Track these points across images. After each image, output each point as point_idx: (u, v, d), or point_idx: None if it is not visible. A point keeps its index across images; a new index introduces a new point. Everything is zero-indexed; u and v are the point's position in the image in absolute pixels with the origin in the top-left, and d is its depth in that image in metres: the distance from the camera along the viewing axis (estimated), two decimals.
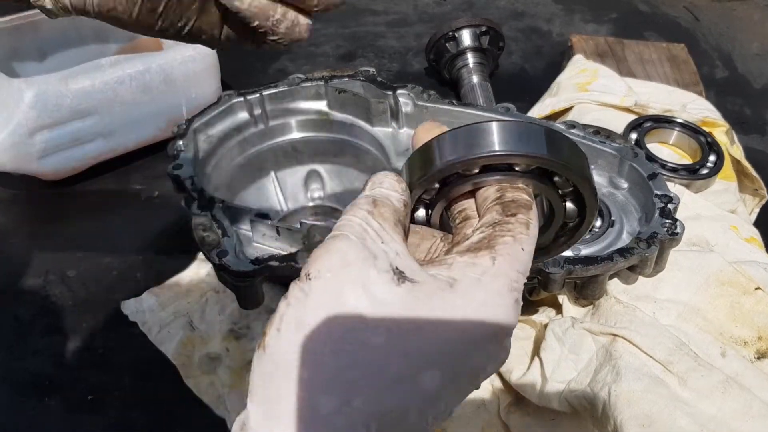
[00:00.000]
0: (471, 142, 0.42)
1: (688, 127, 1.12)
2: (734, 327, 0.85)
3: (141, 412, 0.93)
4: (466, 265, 0.39)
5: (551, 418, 0.87)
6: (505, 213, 0.42)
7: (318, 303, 0.37)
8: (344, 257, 0.38)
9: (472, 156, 0.42)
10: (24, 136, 1.12)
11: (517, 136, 0.41)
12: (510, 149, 0.41)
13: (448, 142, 0.43)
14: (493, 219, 0.42)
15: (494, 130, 0.42)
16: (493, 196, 0.43)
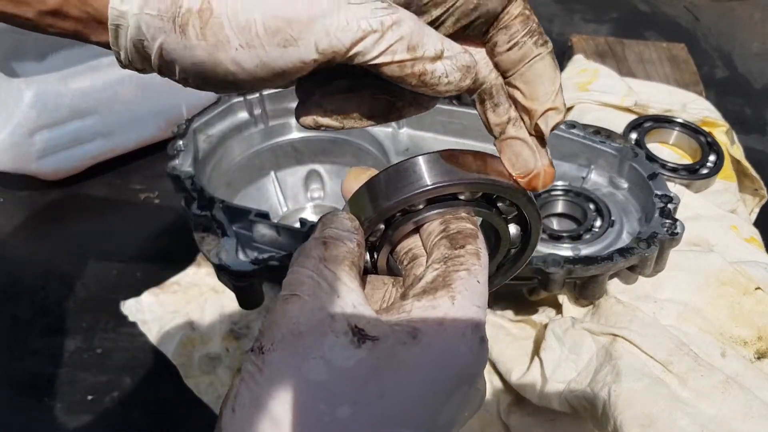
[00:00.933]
0: (406, 178, 0.40)
1: (688, 127, 1.12)
2: (734, 327, 0.84)
3: (141, 413, 0.93)
4: (425, 309, 0.36)
5: (551, 419, 0.87)
6: (453, 246, 0.39)
7: (273, 379, 0.33)
8: (297, 325, 0.34)
9: (409, 194, 0.39)
10: (24, 136, 1.12)
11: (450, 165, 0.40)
12: (445, 180, 0.39)
13: (383, 183, 0.40)
14: (443, 254, 0.39)
15: (423, 163, 0.40)
16: (437, 230, 0.41)
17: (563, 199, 0.96)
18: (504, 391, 0.90)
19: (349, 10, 0.35)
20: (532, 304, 0.96)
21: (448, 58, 0.37)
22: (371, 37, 0.36)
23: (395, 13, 0.36)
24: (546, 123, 0.40)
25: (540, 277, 0.82)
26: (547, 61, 0.40)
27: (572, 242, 0.90)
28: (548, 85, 0.40)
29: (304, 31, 0.35)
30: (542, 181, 0.41)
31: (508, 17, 0.39)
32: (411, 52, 0.37)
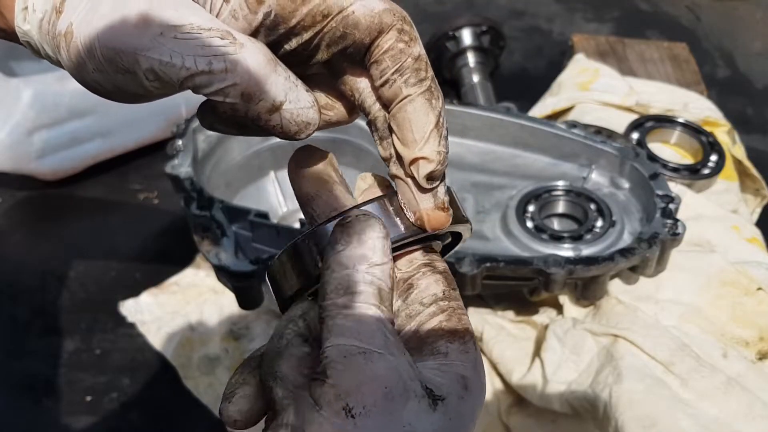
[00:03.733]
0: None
1: (689, 126, 1.11)
2: (736, 328, 0.84)
3: (139, 413, 0.93)
4: (460, 353, 0.35)
5: (552, 419, 0.86)
6: (449, 285, 0.38)
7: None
8: (389, 389, 0.31)
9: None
10: (22, 136, 1.11)
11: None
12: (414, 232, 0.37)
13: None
14: (441, 291, 0.37)
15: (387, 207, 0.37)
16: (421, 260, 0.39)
17: (564, 199, 0.96)
18: (505, 392, 0.90)
19: (175, 44, 0.32)
20: (533, 304, 0.95)
21: (287, 111, 0.35)
22: (201, 77, 0.32)
23: (233, 54, 0.33)
24: (417, 171, 0.36)
25: (541, 278, 0.81)
26: (417, 104, 0.35)
27: (573, 242, 0.89)
28: (416, 132, 0.35)
29: (132, 63, 0.32)
30: (428, 225, 0.37)
31: (378, 51, 0.35)
32: (244, 101, 0.33)
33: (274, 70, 0.34)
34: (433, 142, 0.36)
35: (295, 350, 0.34)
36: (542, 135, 0.98)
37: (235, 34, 0.33)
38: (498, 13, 1.71)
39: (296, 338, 0.34)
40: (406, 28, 0.35)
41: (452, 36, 1.39)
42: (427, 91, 0.35)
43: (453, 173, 1.00)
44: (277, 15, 0.34)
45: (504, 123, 0.99)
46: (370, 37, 0.35)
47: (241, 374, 0.35)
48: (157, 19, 0.32)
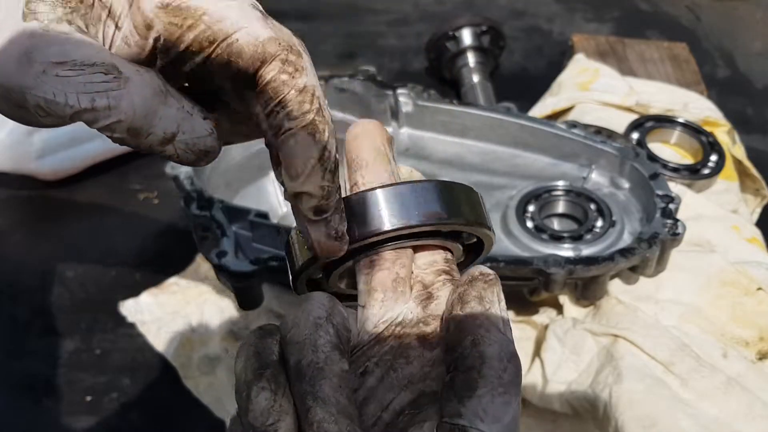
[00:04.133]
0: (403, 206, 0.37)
1: (689, 126, 1.11)
2: (736, 328, 0.84)
3: (139, 414, 0.93)
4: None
5: (552, 420, 0.86)
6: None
7: None
8: None
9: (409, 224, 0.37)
10: (22, 136, 1.11)
11: (441, 198, 0.38)
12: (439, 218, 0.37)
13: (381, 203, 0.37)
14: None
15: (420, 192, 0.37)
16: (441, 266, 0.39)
17: (564, 199, 0.96)
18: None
19: (58, 82, 0.31)
20: (532, 304, 0.95)
21: (181, 142, 0.34)
22: (86, 114, 0.31)
23: (116, 90, 0.32)
24: (302, 204, 0.36)
25: (541, 278, 0.81)
26: (299, 138, 0.34)
27: (573, 242, 0.89)
28: (299, 166, 0.35)
29: (21, 99, 0.31)
30: (320, 253, 0.37)
31: (261, 81, 0.34)
32: (132, 136, 0.33)
33: (163, 102, 0.33)
34: (315, 178, 0.35)
35: (336, 367, 0.32)
36: (542, 135, 0.98)
37: (121, 67, 0.32)
38: (498, 13, 1.71)
39: (333, 353, 0.32)
40: (292, 58, 0.34)
41: (452, 36, 1.39)
42: (309, 124, 0.35)
43: (453, 173, 1.00)
44: (166, 40, 0.33)
45: (504, 123, 0.99)
46: (253, 66, 0.34)
47: (273, 395, 0.31)
48: (39, 56, 0.31)
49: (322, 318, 0.33)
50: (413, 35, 1.66)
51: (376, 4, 1.77)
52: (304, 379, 0.31)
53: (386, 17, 1.73)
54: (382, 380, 0.34)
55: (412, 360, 0.35)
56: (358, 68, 1.03)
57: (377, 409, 0.33)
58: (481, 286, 0.35)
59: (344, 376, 0.32)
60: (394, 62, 1.59)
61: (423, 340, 0.36)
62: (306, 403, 0.30)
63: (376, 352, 0.35)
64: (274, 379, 0.31)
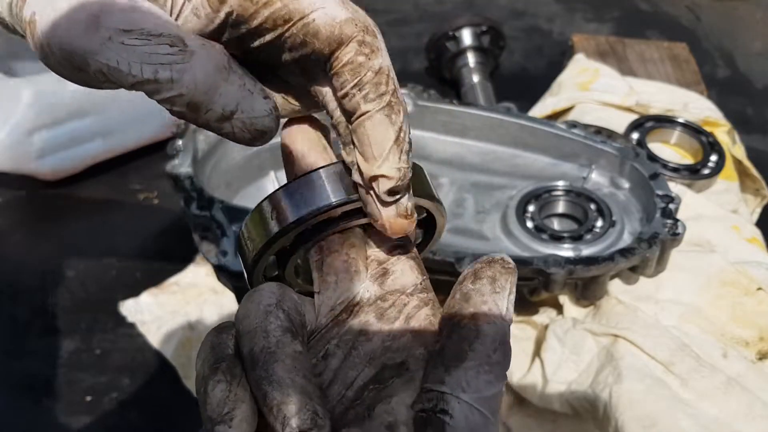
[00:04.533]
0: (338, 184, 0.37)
1: (689, 126, 1.11)
2: (736, 328, 0.84)
3: (139, 413, 0.93)
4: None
5: (552, 420, 0.86)
6: (422, 272, 0.38)
7: None
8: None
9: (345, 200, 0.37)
10: (22, 136, 1.11)
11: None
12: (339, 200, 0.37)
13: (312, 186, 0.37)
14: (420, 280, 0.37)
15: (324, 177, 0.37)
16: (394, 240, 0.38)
17: (564, 199, 0.96)
18: (504, 392, 0.89)
19: (123, 50, 0.31)
20: (532, 304, 0.95)
21: (239, 120, 0.34)
22: (148, 85, 0.32)
23: (180, 63, 0.32)
24: (378, 187, 0.36)
25: (541, 278, 0.81)
26: (376, 120, 0.35)
27: (573, 242, 0.89)
28: (375, 149, 0.35)
29: (83, 63, 0.31)
30: (390, 231, 0.37)
31: (338, 63, 0.34)
32: (191, 111, 0.33)
33: (225, 78, 0.33)
34: (392, 159, 0.35)
35: (288, 349, 0.32)
36: (542, 135, 0.98)
37: (187, 40, 0.32)
38: (498, 13, 1.71)
39: (285, 336, 0.32)
40: (368, 39, 0.34)
41: (452, 36, 1.39)
42: (386, 106, 0.35)
43: (453, 173, 1.00)
44: (239, 15, 0.33)
45: (504, 123, 0.99)
46: (329, 48, 0.34)
47: (228, 385, 0.32)
48: (107, 22, 0.31)
49: (271, 305, 0.33)
50: (413, 35, 1.66)
51: (376, 4, 1.77)
52: (258, 365, 0.31)
53: (386, 17, 1.73)
54: (345, 360, 0.34)
55: (372, 336, 0.35)
56: None
57: (341, 388, 0.34)
58: (498, 269, 0.35)
59: (298, 357, 0.32)
60: (394, 62, 1.58)
61: (381, 316, 0.36)
62: (262, 388, 0.31)
63: (335, 333, 0.35)
64: (229, 370, 0.32)
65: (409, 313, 0.36)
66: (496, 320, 0.33)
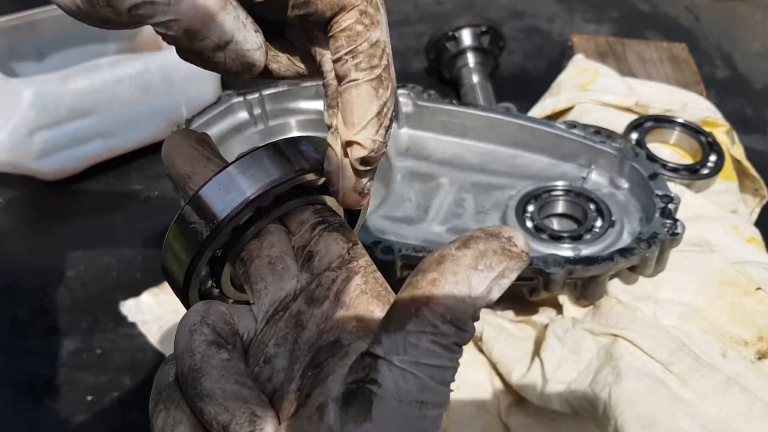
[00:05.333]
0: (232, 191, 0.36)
1: (688, 127, 1.11)
2: (735, 327, 0.84)
3: (139, 413, 0.93)
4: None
5: (552, 419, 0.86)
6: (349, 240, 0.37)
7: None
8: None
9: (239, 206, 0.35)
10: (23, 136, 1.11)
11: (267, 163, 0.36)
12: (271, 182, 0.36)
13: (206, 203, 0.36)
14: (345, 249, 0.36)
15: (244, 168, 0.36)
16: (313, 219, 0.38)
17: (564, 199, 0.96)
18: (504, 391, 0.90)
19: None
20: (532, 304, 0.95)
21: (232, 51, 0.34)
22: (145, 8, 0.32)
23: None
24: (351, 153, 0.36)
25: (540, 278, 0.81)
26: (362, 90, 0.35)
27: (573, 242, 0.89)
28: (356, 117, 0.35)
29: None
30: (341, 201, 0.38)
31: (336, 27, 0.35)
32: (188, 38, 0.33)
33: (222, 8, 0.34)
34: (370, 130, 0.36)
35: (213, 361, 0.31)
36: (542, 135, 0.99)
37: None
38: (498, 14, 1.72)
39: (209, 349, 0.32)
40: (370, 10, 0.35)
41: (452, 36, 1.39)
42: (375, 79, 0.35)
43: (453, 173, 1.00)
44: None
45: (504, 123, 0.99)
46: (331, 11, 0.35)
47: (166, 412, 0.31)
48: None
49: (195, 323, 0.33)
50: (413, 35, 1.66)
51: None
52: (188, 384, 0.31)
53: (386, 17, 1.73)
54: (286, 358, 0.34)
55: (306, 324, 0.34)
56: None
57: (288, 385, 0.32)
58: (494, 247, 0.29)
59: (225, 365, 0.31)
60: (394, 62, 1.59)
61: (311, 300, 0.35)
62: (197, 405, 0.30)
63: (272, 334, 0.35)
64: (168, 397, 0.32)
65: (338, 289, 0.34)
66: (458, 297, 0.28)
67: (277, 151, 0.37)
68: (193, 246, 0.36)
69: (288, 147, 0.38)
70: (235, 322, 0.34)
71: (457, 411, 0.88)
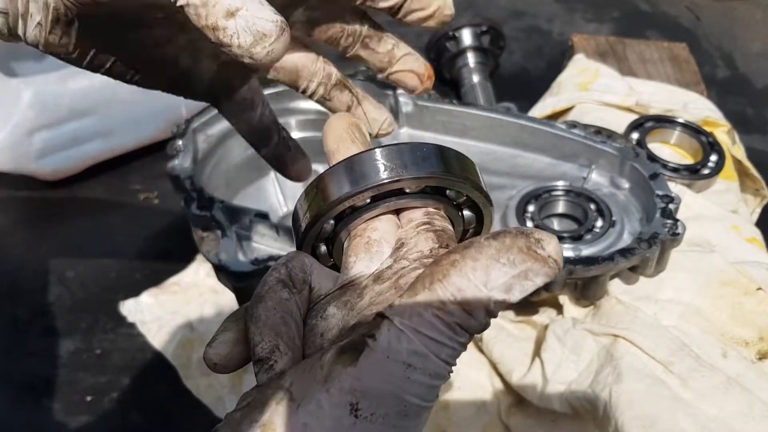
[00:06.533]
0: (359, 173, 0.39)
1: (689, 126, 1.11)
2: (735, 327, 0.84)
3: (139, 414, 0.93)
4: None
5: (552, 419, 0.86)
6: (440, 243, 0.37)
7: None
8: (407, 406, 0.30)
9: (359, 189, 0.38)
10: (22, 136, 1.11)
11: (405, 159, 0.39)
12: (397, 174, 0.38)
13: (335, 178, 0.39)
14: (429, 248, 0.37)
15: (379, 156, 0.39)
16: (420, 219, 0.39)
17: (564, 200, 0.96)
18: (504, 391, 0.90)
19: None
20: (532, 304, 0.95)
21: (242, 18, 0.34)
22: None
23: None
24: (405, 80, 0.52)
25: None
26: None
27: (573, 242, 0.89)
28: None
29: None
30: (427, 72, 0.51)
31: None
32: (203, 2, 0.35)
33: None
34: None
35: (275, 295, 0.36)
36: (542, 135, 0.98)
37: None
38: (498, 14, 1.72)
39: (277, 284, 0.36)
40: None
41: (452, 36, 1.39)
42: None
43: None
44: None
45: (504, 123, 0.99)
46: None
47: (226, 322, 0.37)
48: None
49: (280, 263, 0.38)
50: (413, 35, 1.66)
51: None
52: (251, 304, 0.36)
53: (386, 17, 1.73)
54: (340, 319, 0.36)
55: (365, 295, 0.36)
56: (358, 68, 1.03)
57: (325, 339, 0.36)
58: (522, 245, 0.30)
59: (281, 302, 0.35)
60: None
61: (377, 278, 0.36)
62: (246, 325, 0.35)
63: (337, 296, 0.37)
64: (235, 314, 0.37)
65: (402, 273, 0.35)
66: (473, 282, 0.29)
67: (420, 150, 0.40)
68: (322, 202, 0.39)
69: (436, 151, 0.40)
70: (310, 273, 0.38)
71: (457, 411, 0.88)
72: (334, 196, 0.39)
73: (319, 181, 0.40)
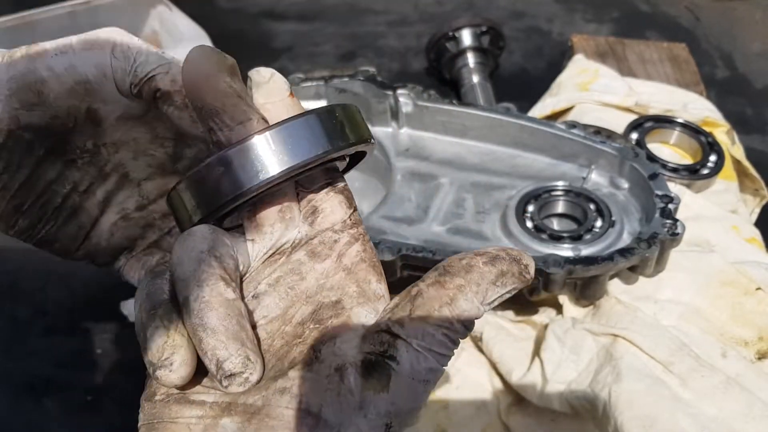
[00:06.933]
0: (239, 172, 0.34)
1: (688, 127, 1.11)
2: (735, 327, 0.84)
3: None
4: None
5: (552, 419, 0.86)
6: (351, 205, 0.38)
7: None
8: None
9: (242, 194, 0.34)
10: None
11: (286, 146, 0.35)
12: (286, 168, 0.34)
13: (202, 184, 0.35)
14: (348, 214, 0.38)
15: (255, 147, 0.34)
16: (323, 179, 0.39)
17: (564, 200, 0.96)
18: (504, 391, 0.90)
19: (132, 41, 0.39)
20: (532, 304, 0.95)
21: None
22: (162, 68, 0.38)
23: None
24: None
25: (540, 278, 0.81)
26: None
27: (573, 242, 0.89)
28: None
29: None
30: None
31: None
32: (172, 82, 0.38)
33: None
34: None
35: (221, 298, 0.33)
36: (542, 135, 0.99)
37: None
38: (498, 14, 1.72)
39: (218, 284, 0.33)
40: None
41: (452, 36, 1.39)
42: None
43: (453, 173, 1.00)
44: None
45: (504, 123, 0.99)
46: None
47: (165, 331, 0.33)
48: None
49: (204, 252, 0.34)
50: (413, 36, 1.66)
51: (376, 5, 1.78)
52: (193, 313, 0.32)
53: (386, 18, 1.74)
54: (282, 299, 0.36)
55: (305, 275, 0.37)
56: (358, 69, 1.03)
57: (280, 324, 0.36)
58: (514, 269, 0.36)
59: (231, 305, 0.33)
60: (394, 63, 1.59)
61: (313, 254, 0.37)
62: (198, 335, 0.32)
63: (267, 273, 0.37)
64: (166, 316, 0.34)
65: (341, 251, 0.37)
66: (474, 304, 0.34)
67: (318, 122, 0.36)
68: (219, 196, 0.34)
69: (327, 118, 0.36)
70: (237, 257, 0.36)
71: (457, 411, 0.88)
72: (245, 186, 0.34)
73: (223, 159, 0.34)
